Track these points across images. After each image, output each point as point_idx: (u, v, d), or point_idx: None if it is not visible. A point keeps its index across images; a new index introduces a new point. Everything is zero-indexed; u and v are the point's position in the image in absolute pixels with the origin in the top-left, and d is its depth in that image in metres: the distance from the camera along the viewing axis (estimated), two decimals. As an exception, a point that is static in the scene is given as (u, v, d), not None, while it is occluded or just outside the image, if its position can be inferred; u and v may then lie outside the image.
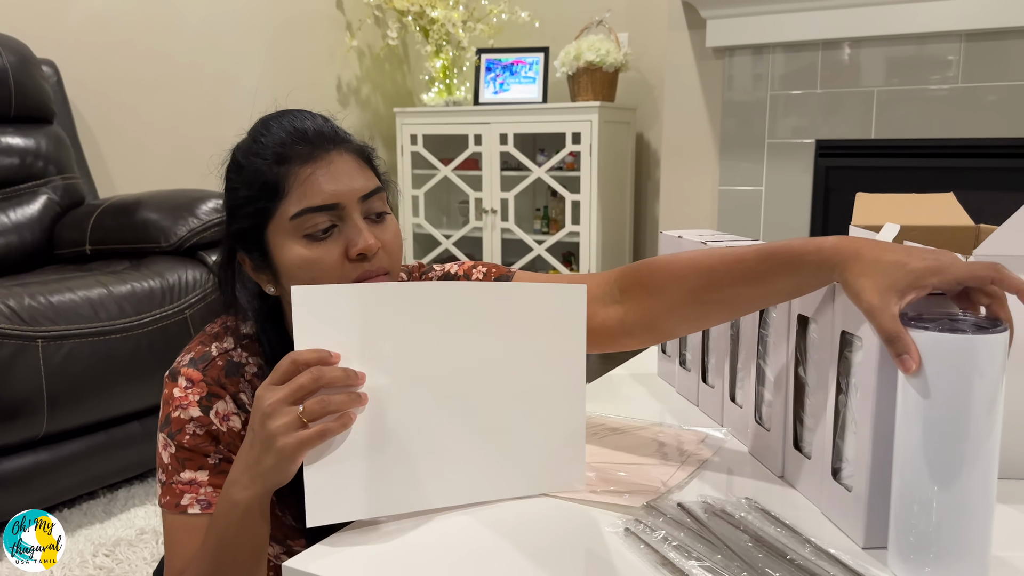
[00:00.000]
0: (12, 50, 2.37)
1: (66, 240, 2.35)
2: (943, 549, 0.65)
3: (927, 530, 0.65)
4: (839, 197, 3.09)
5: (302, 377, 0.71)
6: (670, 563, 0.69)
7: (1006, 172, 2.81)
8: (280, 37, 3.66)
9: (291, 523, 0.94)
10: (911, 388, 0.65)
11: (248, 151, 0.87)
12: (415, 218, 4.05)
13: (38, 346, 1.74)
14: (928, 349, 0.64)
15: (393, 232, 0.89)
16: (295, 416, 0.71)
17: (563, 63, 3.68)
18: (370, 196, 0.87)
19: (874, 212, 1.19)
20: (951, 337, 0.63)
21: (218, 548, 0.79)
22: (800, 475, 0.85)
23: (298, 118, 0.88)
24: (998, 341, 0.63)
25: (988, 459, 0.64)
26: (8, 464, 1.76)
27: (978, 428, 0.63)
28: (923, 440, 0.64)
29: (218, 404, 0.88)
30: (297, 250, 0.84)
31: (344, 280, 0.84)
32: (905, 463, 0.66)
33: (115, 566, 1.70)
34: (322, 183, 0.84)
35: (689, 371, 1.17)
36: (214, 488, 0.86)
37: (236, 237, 0.89)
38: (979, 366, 0.62)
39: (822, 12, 2.92)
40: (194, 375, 0.88)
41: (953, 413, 0.63)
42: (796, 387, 0.86)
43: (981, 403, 0.63)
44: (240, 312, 0.92)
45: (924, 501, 0.65)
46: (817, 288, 0.78)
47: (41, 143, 2.42)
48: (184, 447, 0.86)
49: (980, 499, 0.64)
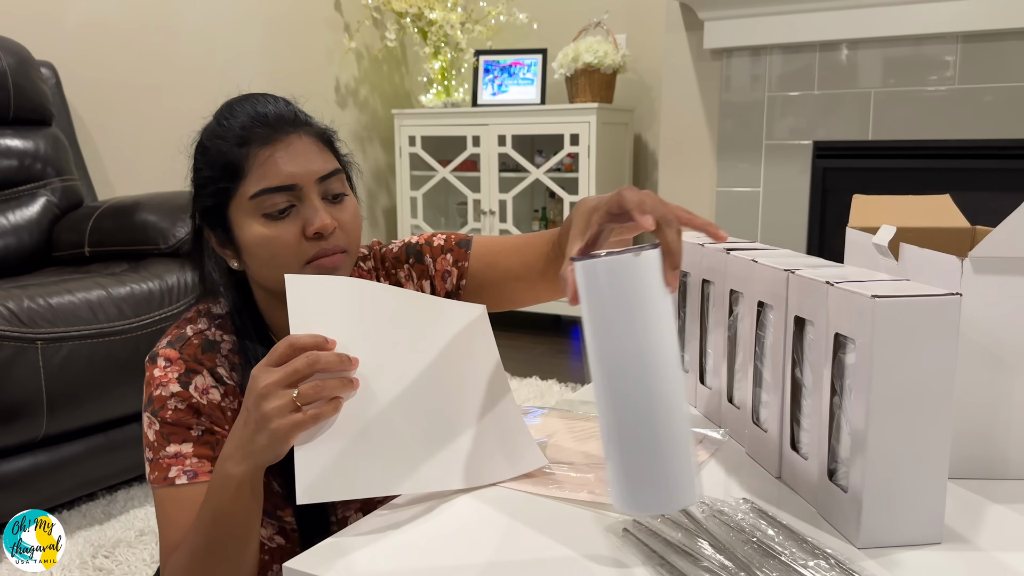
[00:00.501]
0: (11, 52, 2.37)
1: (65, 242, 2.35)
2: (645, 478, 0.68)
3: (630, 460, 0.68)
4: (837, 198, 3.09)
5: (298, 361, 0.73)
6: (668, 564, 0.69)
7: (1003, 173, 2.82)
8: (278, 39, 3.67)
9: (278, 490, 0.96)
10: (586, 324, 0.69)
11: (212, 133, 0.92)
12: (413, 219, 4.06)
13: (37, 348, 1.75)
14: (580, 278, 0.68)
15: (351, 212, 0.93)
16: (289, 399, 0.73)
17: (561, 64, 3.68)
18: (328, 177, 0.91)
19: (871, 214, 1.19)
20: (589, 263, 0.67)
21: (211, 522, 0.81)
22: (797, 476, 0.85)
23: (260, 102, 0.92)
24: (627, 261, 0.66)
25: (664, 374, 0.67)
26: (7, 466, 1.77)
27: (640, 343, 0.67)
28: (600, 369, 0.68)
29: (196, 379, 0.91)
30: (256, 228, 0.89)
31: (301, 257, 0.89)
32: (600, 398, 0.69)
33: (115, 567, 1.70)
34: (280, 165, 0.88)
35: (687, 372, 1.17)
36: (199, 458, 0.89)
37: (202, 214, 0.94)
38: (623, 285, 0.66)
39: (819, 14, 2.92)
40: (172, 354, 0.92)
41: (616, 333, 0.67)
42: (793, 388, 0.86)
43: (640, 322, 0.66)
44: (211, 288, 0.97)
45: (621, 435, 0.68)
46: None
47: (40, 145, 2.42)
48: (167, 422, 0.89)
49: (667, 420, 0.67)
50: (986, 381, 0.87)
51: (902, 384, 0.71)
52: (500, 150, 3.79)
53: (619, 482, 0.70)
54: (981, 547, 0.74)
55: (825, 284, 0.78)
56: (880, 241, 1.01)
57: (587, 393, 1.21)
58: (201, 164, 0.92)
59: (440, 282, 1.07)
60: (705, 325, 1.11)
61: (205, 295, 0.98)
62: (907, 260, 0.95)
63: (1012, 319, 0.86)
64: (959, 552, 0.73)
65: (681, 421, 0.69)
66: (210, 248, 0.96)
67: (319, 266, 0.90)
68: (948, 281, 0.87)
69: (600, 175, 3.63)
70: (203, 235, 0.96)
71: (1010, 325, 0.86)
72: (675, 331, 0.69)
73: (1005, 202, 2.32)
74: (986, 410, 0.87)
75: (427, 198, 4.07)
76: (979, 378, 0.87)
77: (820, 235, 3.13)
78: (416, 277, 1.06)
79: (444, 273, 1.06)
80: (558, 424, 1.06)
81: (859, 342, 0.72)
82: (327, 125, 0.97)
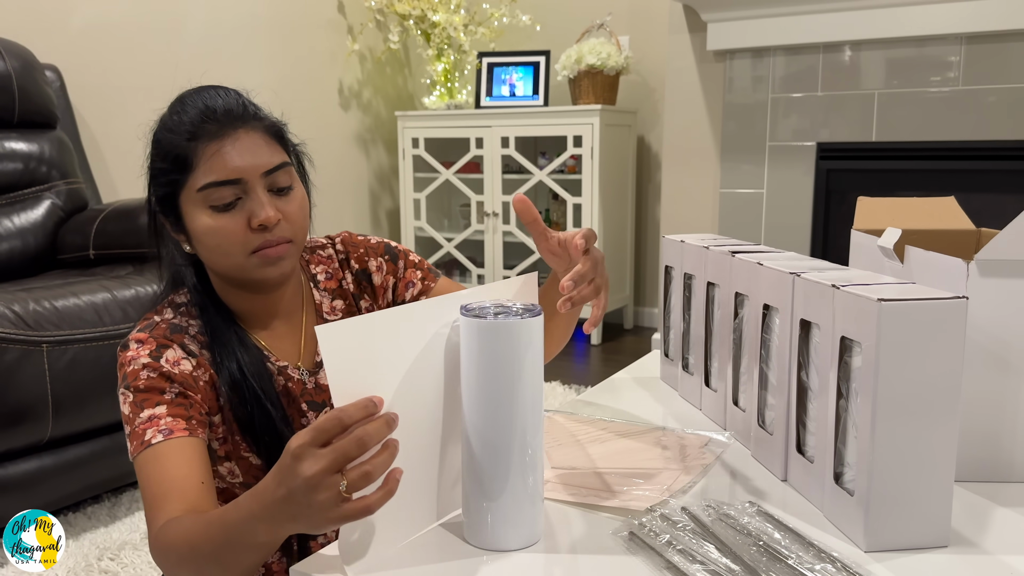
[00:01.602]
0: (15, 55, 2.38)
1: (70, 245, 2.35)
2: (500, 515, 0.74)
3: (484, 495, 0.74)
4: (840, 199, 3.09)
5: (348, 445, 0.67)
6: (674, 567, 0.69)
7: (1007, 174, 2.82)
8: (282, 41, 3.67)
9: (256, 463, 0.98)
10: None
11: (164, 126, 0.96)
12: (416, 221, 4.06)
13: (43, 351, 1.75)
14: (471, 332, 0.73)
15: (298, 204, 0.96)
16: (338, 491, 0.67)
17: (564, 66, 3.69)
18: (273, 171, 0.94)
19: (876, 216, 1.19)
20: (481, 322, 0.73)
21: (224, 544, 0.77)
22: (803, 479, 0.85)
23: (211, 96, 0.96)
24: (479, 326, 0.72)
25: (519, 422, 0.73)
26: (13, 469, 1.77)
27: (497, 398, 0.73)
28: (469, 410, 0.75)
29: (167, 352, 0.93)
30: (204, 219, 0.93)
31: (247, 248, 0.92)
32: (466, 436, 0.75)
33: (120, 570, 1.70)
34: (227, 159, 0.91)
35: (692, 375, 1.17)
36: (173, 417, 0.89)
37: (157, 200, 0.98)
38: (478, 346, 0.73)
39: (822, 15, 2.92)
40: (142, 336, 0.94)
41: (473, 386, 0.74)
42: (799, 391, 0.86)
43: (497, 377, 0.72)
44: (170, 270, 1.01)
45: (479, 472, 0.74)
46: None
47: (44, 148, 2.43)
48: (140, 389, 0.90)
49: (518, 464, 0.73)
50: (992, 384, 0.87)
51: (908, 387, 0.71)
52: (503, 152, 3.79)
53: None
54: (988, 550, 0.74)
55: (831, 287, 0.78)
56: (885, 244, 1.01)
57: (591, 395, 1.21)
58: (154, 155, 0.96)
59: (403, 288, 1.11)
60: (710, 328, 1.11)
61: (167, 291, 1.02)
62: (912, 263, 0.95)
63: (1018, 322, 0.86)
64: (966, 555, 0.73)
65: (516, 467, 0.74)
66: (166, 231, 1.00)
67: (264, 256, 0.93)
68: (954, 284, 0.87)
69: (603, 177, 3.64)
70: (158, 220, 1.00)
71: (1016, 328, 0.86)
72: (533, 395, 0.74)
73: (1010, 204, 2.32)
74: (992, 413, 0.87)
75: (430, 200, 4.08)
76: (985, 381, 0.87)
77: (824, 237, 3.13)
78: (385, 272, 1.10)
79: (409, 283, 1.11)
80: (562, 426, 1.06)
81: (865, 345, 0.72)
82: (277, 118, 1.00)
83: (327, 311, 1.07)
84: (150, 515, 0.85)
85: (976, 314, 0.84)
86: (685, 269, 1.18)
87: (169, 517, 0.83)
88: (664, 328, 1.28)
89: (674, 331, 1.24)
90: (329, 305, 1.08)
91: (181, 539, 0.80)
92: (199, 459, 0.89)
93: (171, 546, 0.81)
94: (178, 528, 0.81)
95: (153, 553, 0.84)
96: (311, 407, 1.02)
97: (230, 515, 0.76)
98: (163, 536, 0.82)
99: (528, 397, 0.73)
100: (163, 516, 0.83)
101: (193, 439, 0.89)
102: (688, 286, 1.19)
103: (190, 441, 0.89)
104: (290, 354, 1.03)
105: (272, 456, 0.95)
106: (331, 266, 1.09)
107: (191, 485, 0.86)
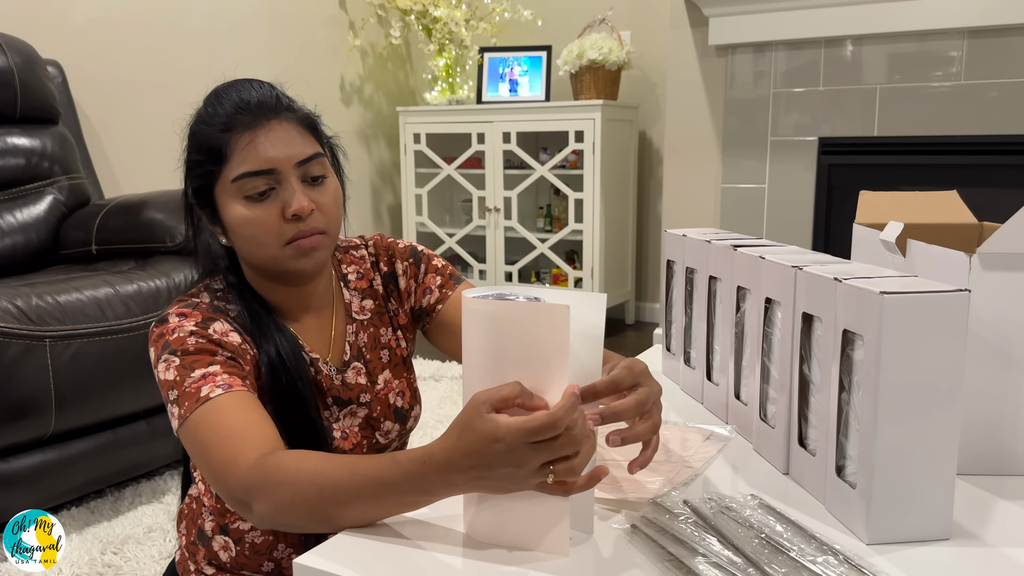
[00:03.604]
0: (17, 51, 2.38)
1: (72, 240, 2.36)
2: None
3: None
4: (842, 194, 3.09)
5: (565, 448, 0.68)
6: (676, 559, 0.70)
7: (1009, 169, 2.81)
8: (283, 37, 3.67)
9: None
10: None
11: (199, 118, 0.96)
12: (418, 217, 4.06)
13: (46, 346, 1.75)
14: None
15: (331, 195, 0.97)
16: (545, 479, 0.69)
17: (566, 61, 3.68)
18: (307, 162, 0.94)
19: (878, 210, 1.19)
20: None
21: (371, 490, 0.75)
22: (805, 472, 0.85)
23: (244, 88, 0.97)
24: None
25: None
26: (16, 463, 1.77)
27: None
28: None
29: (215, 324, 0.93)
30: (238, 209, 0.93)
31: (281, 238, 0.93)
32: None
33: (123, 564, 1.71)
34: (260, 150, 0.92)
35: (694, 369, 1.18)
36: (230, 375, 0.87)
37: (193, 193, 0.98)
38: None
39: (824, 9, 2.92)
40: (185, 311, 0.94)
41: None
42: (801, 385, 0.86)
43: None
44: (207, 260, 1.01)
45: None
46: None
47: (47, 143, 2.43)
48: (189, 352, 0.89)
49: None
50: (994, 377, 0.87)
51: (910, 380, 0.71)
52: (505, 147, 3.79)
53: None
54: (990, 543, 0.74)
55: (833, 280, 0.78)
56: (887, 237, 1.01)
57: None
58: (190, 147, 0.97)
59: (421, 293, 1.10)
60: (712, 322, 1.11)
61: (204, 276, 1.02)
62: (914, 256, 0.95)
63: (1020, 315, 0.86)
64: (968, 548, 0.73)
65: None
66: (203, 224, 1.01)
67: (298, 247, 0.94)
68: (956, 277, 0.87)
69: (605, 172, 3.63)
70: (195, 212, 1.00)
71: (1018, 321, 0.86)
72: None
73: (1012, 198, 2.31)
74: (994, 406, 0.87)
75: (432, 195, 4.08)
76: (987, 374, 0.87)
77: (826, 231, 3.13)
78: (408, 276, 1.11)
79: (427, 288, 1.10)
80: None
81: (867, 338, 0.72)
82: (311, 110, 1.01)
83: (356, 311, 1.07)
84: (228, 454, 0.80)
85: (978, 307, 0.84)
86: (687, 263, 1.18)
87: (260, 452, 0.79)
88: (666, 322, 1.28)
89: (676, 325, 1.24)
90: (359, 305, 1.08)
91: (304, 480, 0.76)
92: (266, 413, 0.86)
93: (287, 482, 0.76)
94: (299, 466, 0.77)
95: (246, 488, 0.78)
96: (336, 402, 1.02)
97: (388, 470, 0.74)
98: (269, 468, 0.77)
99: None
100: (250, 450, 0.80)
101: (254, 395, 0.88)
102: (690, 280, 1.19)
103: (253, 396, 0.87)
104: (319, 349, 1.03)
105: (301, 443, 0.90)
106: (362, 266, 1.10)
107: (270, 431, 0.83)
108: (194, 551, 1.02)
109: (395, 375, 1.08)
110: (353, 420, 1.04)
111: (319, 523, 0.77)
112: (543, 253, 3.86)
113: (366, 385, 1.05)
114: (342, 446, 1.02)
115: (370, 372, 1.06)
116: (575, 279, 3.81)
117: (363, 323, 1.07)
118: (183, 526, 1.05)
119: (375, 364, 1.07)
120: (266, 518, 0.79)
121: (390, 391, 1.07)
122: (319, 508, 0.76)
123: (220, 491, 0.83)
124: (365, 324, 1.07)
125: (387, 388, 1.07)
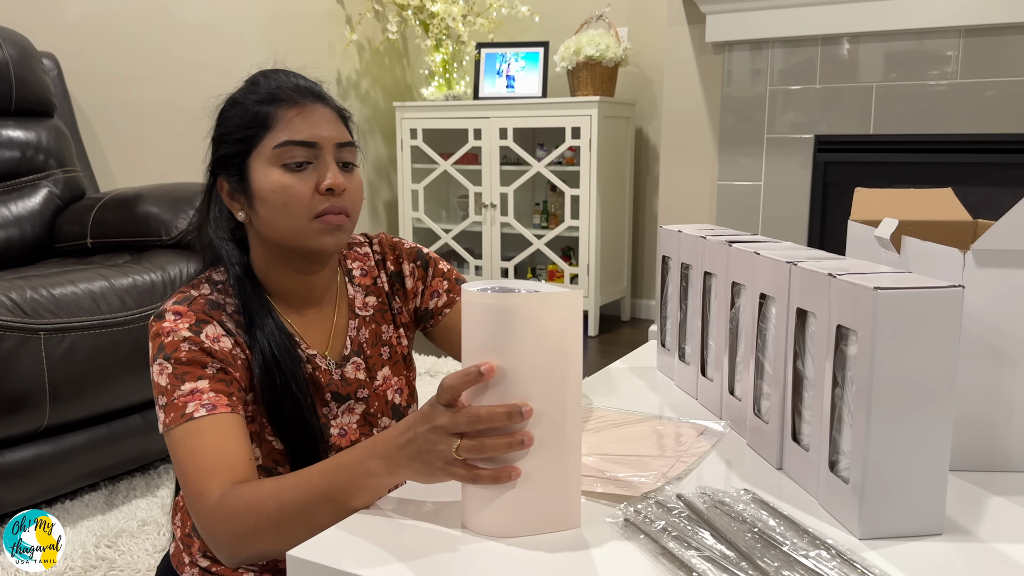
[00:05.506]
0: (12, 43, 2.37)
1: (67, 233, 2.35)
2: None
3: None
4: (837, 192, 3.09)
5: (462, 417, 0.71)
6: (669, 553, 0.70)
7: (1004, 167, 2.82)
8: (280, 31, 3.66)
9: (278, 447, 0.98)
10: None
11: (244, 90, 1.01)
12: (414, 212, 4.06)
13: (40, 339, 1.75)
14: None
15: (357, 183, 1.02)
16: (450, 449, 0.72)
17: (563, 58, 3.68)
18: (344, 146, 0.99)
19: (873, 207, 1.20)
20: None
21: (325, 494, 0.79)
22: (798, 467, 0.86)
23: (290, 75, 1.03)
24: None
25: None
26: (10, 456, 1.77)
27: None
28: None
29: (207, 328, 0.94)
30: (275, 175, 0.96)
31: (312, 210, 0.95)
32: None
33: (117, 557, 1.71)
34: (307, 122, 0.97)
35: (688, 365, 1.18)
36: (215, 393, 0.89)
37: (220, 162, 1.00)
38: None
39: (821, 7, 2.92)
40: (181, 309, 0.95)
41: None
42: (795, 380, 0.86)
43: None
44: (210, 249, 1.02)
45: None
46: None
47: (42, 136, 2.42)
48: (181, 362, 0.90)
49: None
50: (987, 373, 0.87)
51: (904, 376, 0.71)
52: (501, 143, 3.79)
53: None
54: (982, 538, 0.74)
55: (827, 276, 0.78)
56: (882, 234, 1.01)
57: (588, 385, 1.21)
58: (231, 114, 1.00)
59: (429, 296, 1.12)
60: (707, 317, 1.12)
61: (205, 267, 1.03)
62: (909, 253, 0.96)
63: (1013, 312, 0.86)
64: (960, 543, 0.73)
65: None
66: (216, 207, 1.02)
67: (326, 221, 0.96)
68: (950, 274, 0.87)
69: (601, 168, 3.63)
70: (215, 187, 1.02)
71: (1011, 318, 0.86)
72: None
73: (1007, 197, 2.32)
74: (987, 402, 0.88)
75: (428, 191, 4.07)
76: (980, 370, 0.87)
77: (821, 229, 3.14)
78: (416, 278, 1.12)
79: (435, 292, 1.12)
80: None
81: (861, 334, 0.72)
82: (344, 107, 1.06)
83: (359, 307, 1.08)
84: (197, 488, 0.84)
85: (972, 303, 0.85)
86: (682, 259, 1.19)
87: (225, 487, 0.83)
88: (661, 318, 1.28)
89: (671, 321, 1.24)
90: (362, 301, 1.09)
91: (264, 499, 0.80)
92: (244, 436, 0.89)
93: (249, 508, 0.81)
94: (258, 491, 0.82)
95: (211, 523, 0.83)
96: (335, 398, 1.03)
97: (340, 459, 0.80)
98: (231, 501, 0.82)
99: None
100: (216, 487, 0.83)
101: (236, 415, 0.90)
102: (685, 276, 1.19)
103: (233, 417, 0.89)
104: (318, 343, 1.04)
105: (295, 443, 0.97)
106: (367, 263, 1.12)
107: (241, 460, 0.86)
108: (188, 544, 1.02)
109: (394, 372, 1.09)
110: (351, 416, 1.04)
111: (286, 538, 0.77)
112: (539, 249, 3.87)
113: (365, 380, 1.05)
114: (340, 443, 1.02)
115: (369, 368, 1.06)
116: (571, 275, 3.81)
117: (365, 319, 1.08)
118: (177, 519, 1.05)
119: (375, 360, 1.07)
120: (234, 551, 0.83)
121: (388, 387, 1.08)
122: (283, 523, 0.79)
123: (192, 517, 0.87)
124: (367, 320, 1.08)
125: (386, 384, 1.08)
